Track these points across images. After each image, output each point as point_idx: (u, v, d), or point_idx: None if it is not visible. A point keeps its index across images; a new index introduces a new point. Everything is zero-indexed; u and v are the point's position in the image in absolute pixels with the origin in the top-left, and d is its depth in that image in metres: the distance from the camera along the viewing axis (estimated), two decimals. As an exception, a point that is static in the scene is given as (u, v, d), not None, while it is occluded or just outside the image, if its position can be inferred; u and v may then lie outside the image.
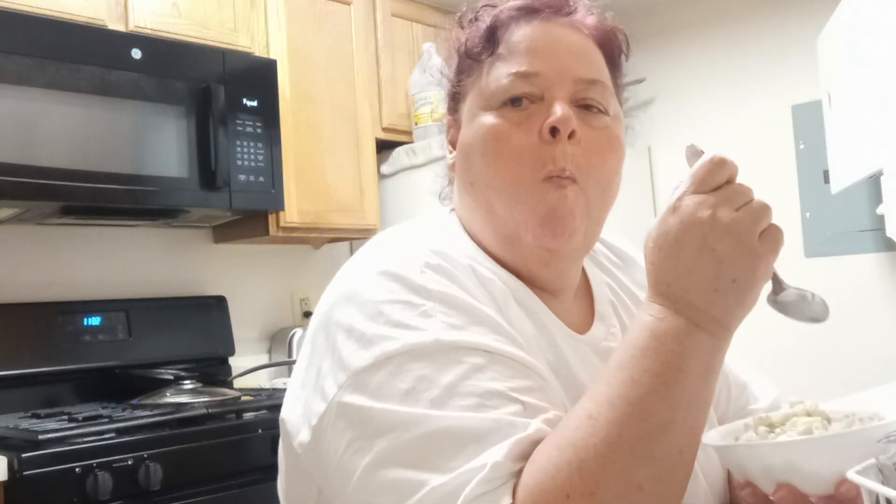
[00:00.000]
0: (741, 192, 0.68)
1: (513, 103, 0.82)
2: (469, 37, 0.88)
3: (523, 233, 0.81)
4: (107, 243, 2.51)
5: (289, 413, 0.80)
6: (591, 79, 0.83)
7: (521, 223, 0.81)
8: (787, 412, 0.78)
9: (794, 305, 0.72)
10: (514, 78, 0.82)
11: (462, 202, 0.88)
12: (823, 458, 0.67)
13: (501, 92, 0.82)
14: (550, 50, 0.83)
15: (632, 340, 0.68)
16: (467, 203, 0.87)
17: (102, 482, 1.74)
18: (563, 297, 0.89)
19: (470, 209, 0.87)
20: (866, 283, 2.92)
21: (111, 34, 2.19)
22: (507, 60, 0.83)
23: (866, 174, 2.40)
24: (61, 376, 2.29)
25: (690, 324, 0.67)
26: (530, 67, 0.82)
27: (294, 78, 2.61)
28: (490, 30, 0.86)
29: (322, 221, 2.67)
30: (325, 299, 0.80)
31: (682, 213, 0.68)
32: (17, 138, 1.97)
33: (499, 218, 0.82)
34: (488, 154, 0.82)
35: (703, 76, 3.27)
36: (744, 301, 0.67)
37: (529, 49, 0.83)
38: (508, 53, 0.84)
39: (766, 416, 0.78)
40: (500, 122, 0.82)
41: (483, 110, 0.84)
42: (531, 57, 0.83)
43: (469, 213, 0.87)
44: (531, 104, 0.82)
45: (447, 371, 0.69)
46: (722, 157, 0.69)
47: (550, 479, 0.63)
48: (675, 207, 0.69)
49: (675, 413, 0.64)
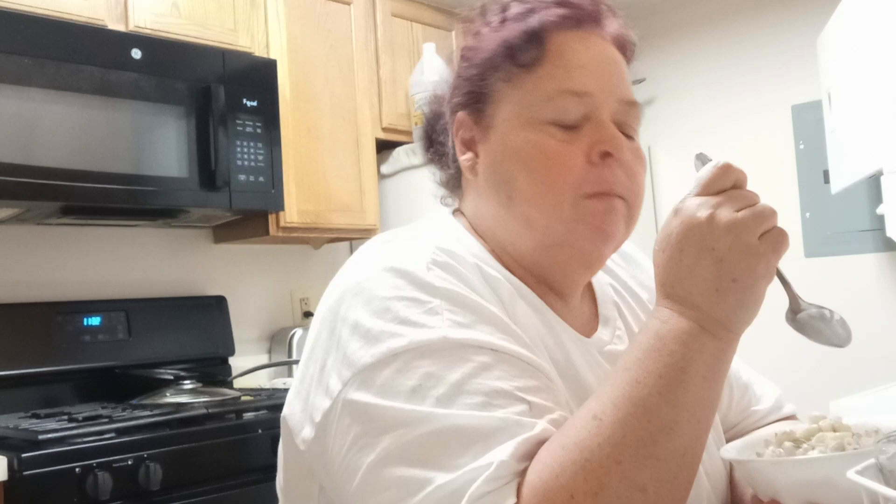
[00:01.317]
0: (744, 196, 0.69)
1: (565, 124, 0.80)
2: (508, 35, 0.83)
3: (574, 240, 0.81)
4: (107, 243, 2.51)
5: (290, 408, 0.79)
6: (632, 101, 0.84)
7: (569, 231, 0.80)
8: (810, 428, 0.77)
9: (812, 324, 0.72)
10: (567, 96, 0.80)
11: (487, 209, 0.86)
12: None
13: (553, 110, 0.80)
14: (598, 67, 0.82)
15: (638, 343, 0.69)
16: (495, 212, 0.84)
17: (102, 482, 1.74)
18: (572, 302, 0.89)
19: (498, 218, 0.84)
20: (866, 283, 2.92)
21: (111, 34, 2.19)
22: (555, 74, 0.81)
23: (866, 174, 2.40)
24: (61, 376, 2.28)
25: (694, 326, 0.67)
26: (583, 87, 0.80)
27: (294, 78, 2.61)
28: (535, 34, 0.82)
29: (322, 221, 2.67)
30: (329, 294, 0.79)
31: (682, 215, 0.69)
32: (17, 138, 1.96)
33: (540, 228, 0.81)
34: (535, 173, 0.80)
35: (703, 76, 3.27)
36: (745, 301, 0.67)
37: (580, 65, 0.81)
38: (556, 66, 0.81)
39: (789, 432, 0.77)
40: (548, 141, 0.80)
41: (528, 124, 0.81)
42: (583, 75, 0.81)
43: (496, 221, 0.85)
44: (579, 123, 0.81)
45: (454, 369, 0.69)
46: (728, 163, 0.70)
47: (555, 478, 0.63)
48: (677, 210, 0.70)
49: (679, 414, 0.65)
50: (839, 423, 0.76)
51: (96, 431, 1.83)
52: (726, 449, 0.80)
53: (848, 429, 0.75)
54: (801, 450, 0.74)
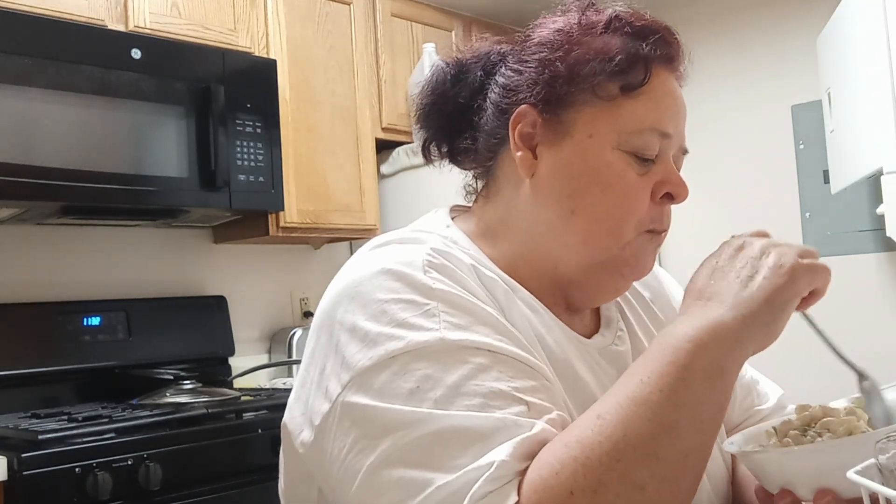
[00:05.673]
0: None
1: (643, 158, 0.81)
2: (612, 50, 0.80)
3: (620, 266, 0.83)
4: (107, 243, 2.51)
5: (290, 413, 0.79)
6: (686, 149, 0.86)
7: (618, 258, 0.83)
8: (803, 416, 0.77)
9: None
10: (655, 134, 0.81)
11: (535, 213, 0.84)
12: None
13: (640, 143, 0.80)
14: (679, 112, 0.84)
15: (649, 346, 0.71)
16: (548, 219, 0.83)
17: (102, 482, 1.74)
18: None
19: (550, 225, 0.83)
20: (866, 283, 2.92)
21: (111, 34, 2.19)
22: (650, 108, 0.81)
23: (866, 174, 2.40)
24: (61, 376, 2.29)
25: (701, 324, 0.68)
26: (669, 129, 0.82)
27: (294, 78, 2.61)
28: (643, 61, 0.81)
29: (322, 221, 2.67)
30: (327, 297, 0.79)
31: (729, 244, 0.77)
32: (17, 138, 1.96)
33: (597, 247, 0.82)
34: (612, 198, 0.80)
35: (703, 76, 3.27)
36: (768, 300, 0.69)
37: (668, 107, 0.82)
38: (652, 100, 0.81)
39: (787, 422, 0.78)
40: (629, 171, 0.80)
41: (615, 148, 0.80)
42: (670, 116, 0.82)
43: (545, 227, 0.83)
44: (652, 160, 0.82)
45: (452, 371, 0.69)
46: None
47: (555, 475, 0.63)
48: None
49: (681, 414, 0.65)
50: (828, 408, 0.77)
51: (96, 431, 1.83)
52: (728, 443, 0.80)
53: (838, 413, 0.76)
54: (808, 437, 0.74)
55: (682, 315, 0.71)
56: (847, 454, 0.66)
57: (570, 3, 0.86)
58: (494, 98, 0.85)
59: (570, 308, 0.88)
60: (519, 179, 0.84)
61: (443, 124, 0.91)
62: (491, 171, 0.88)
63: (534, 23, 0.87)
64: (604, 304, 0.91)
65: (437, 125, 0.91)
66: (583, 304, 0.88)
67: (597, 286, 0.86)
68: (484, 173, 0.89)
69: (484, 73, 0.88)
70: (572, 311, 0.88)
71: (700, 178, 2.48)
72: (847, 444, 0.69)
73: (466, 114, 0.88)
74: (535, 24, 0.87)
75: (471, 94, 0.88)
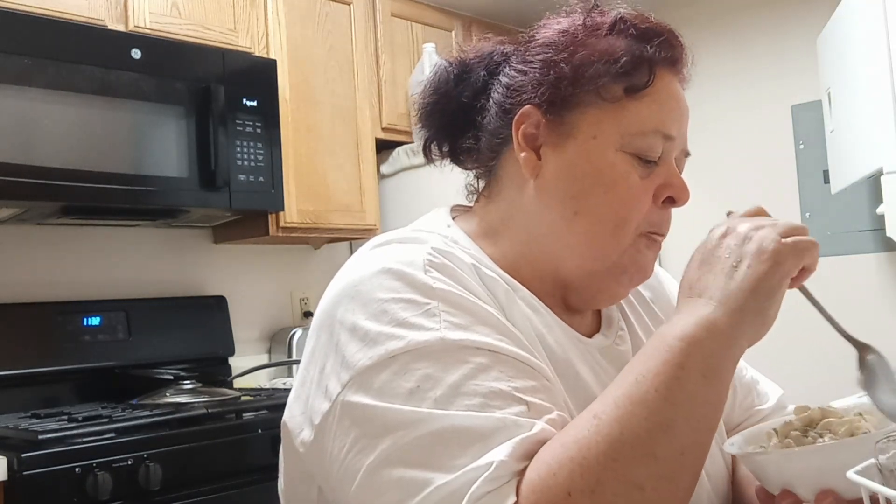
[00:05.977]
0: (767, 219, 0.75)
1: (646, 160, 0.81)
2: (617, 52, 0.80)
3: (619, 271, 0.83)
4: (107, 243, 2.51)
5: (290, 412, 0.79)
6: (689, 151, 0.86)
7: (618, 263, 0.83)
8: (803, 417, 0.77)
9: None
10: (658, 136, 0.81)
11: (538, 215, 0.84)
12: None
13: (644, 145, 0.80)
14: (682, 115, 0.84)
15: (645, 345, 0.71)
16: (550, 220, 0.83)
17: (102, 482, 1.74)
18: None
19: (553, 227, 0.83)
20: (866, 283, 2.92)
21: (111, 34, 2.19)
22: (654, 111, 0.81)
23: (866, 174, 2.40)
24: (61, 376, 2.29)
25: (693, 321, 0.68)
26: (673, 132, 0.82)
27: (294, 78, 2.61)
28: (648, 63, 0.81)
29: (322, 221, 2.67)
30: (327, 296, 0.79)
31: (709, 235, 0.75)
32: (17, 138, 1.96)
33: (599, 248, 0.82)
34: (615, 199, 0.80)
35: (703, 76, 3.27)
36: (755, 291, 0.69)
37: (672, 109, 0.82)
38: (657, 102, 0.81)
39: (788, 422, 0.78)
40: (632, 173, 0.80)
41: (618, 150, 0.80)
42: (673, 119, 0.82)
43: (548, 228, 0.83)
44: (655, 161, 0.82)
45: (452, 370, 0.69)
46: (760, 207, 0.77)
47: (553, 475, 0.63)
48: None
49: (676, 412, 0.65)
50: (827, 409, 0.77)
51: (96, 431, 1.83)
52: (728, 444, 0.80)
53: (837, 414, 0.76)
54: (810, 438, 0.74)
55: (676, 313, 0.71)
56: (848, 455, 0.66)
57: (575, 5, 0.86)
58: (498, 98, 0.85)
59: (570, 308, 0.88)
60: (522, 180, 0.84)
61: (445, 123, 0.90)
62: (493, 171, 0.88)
63: (538, 23, 0.87)
64: (603, 306, 0.91)
65: (438, 124, 0.91)
66: (581, 306, 0.88)
67: (595, 291, 0.86)
68: (486, 173, 0.89)
69: (487, 73, 0.87)
70: (573, 311, 0.88)
71: (700, 178, 2.48)
72: (848, 445, 0.69)
73: (469, 113, 0.88)
74: (539, 24, 0.87)
75: (473, 93, 0.88)
